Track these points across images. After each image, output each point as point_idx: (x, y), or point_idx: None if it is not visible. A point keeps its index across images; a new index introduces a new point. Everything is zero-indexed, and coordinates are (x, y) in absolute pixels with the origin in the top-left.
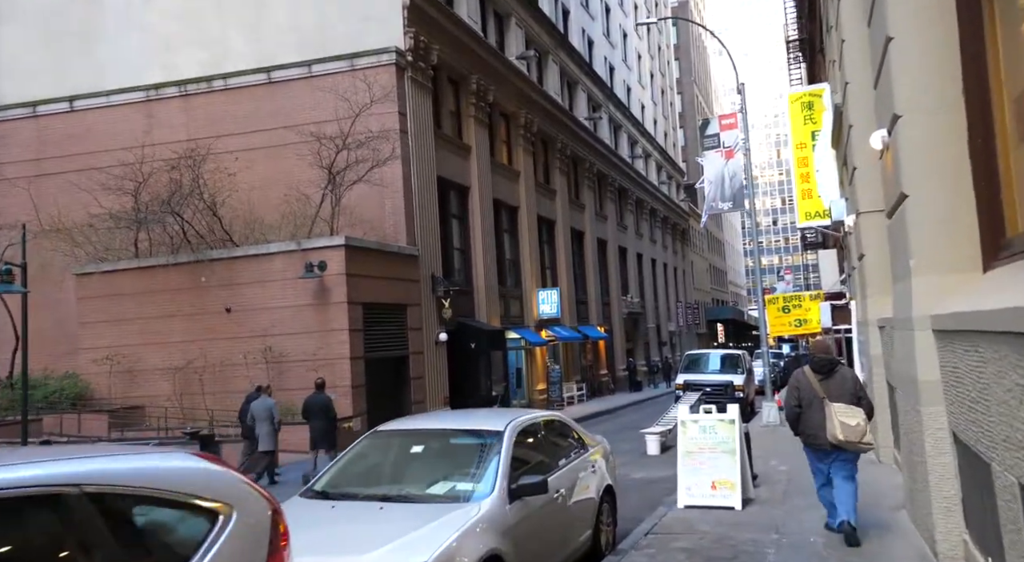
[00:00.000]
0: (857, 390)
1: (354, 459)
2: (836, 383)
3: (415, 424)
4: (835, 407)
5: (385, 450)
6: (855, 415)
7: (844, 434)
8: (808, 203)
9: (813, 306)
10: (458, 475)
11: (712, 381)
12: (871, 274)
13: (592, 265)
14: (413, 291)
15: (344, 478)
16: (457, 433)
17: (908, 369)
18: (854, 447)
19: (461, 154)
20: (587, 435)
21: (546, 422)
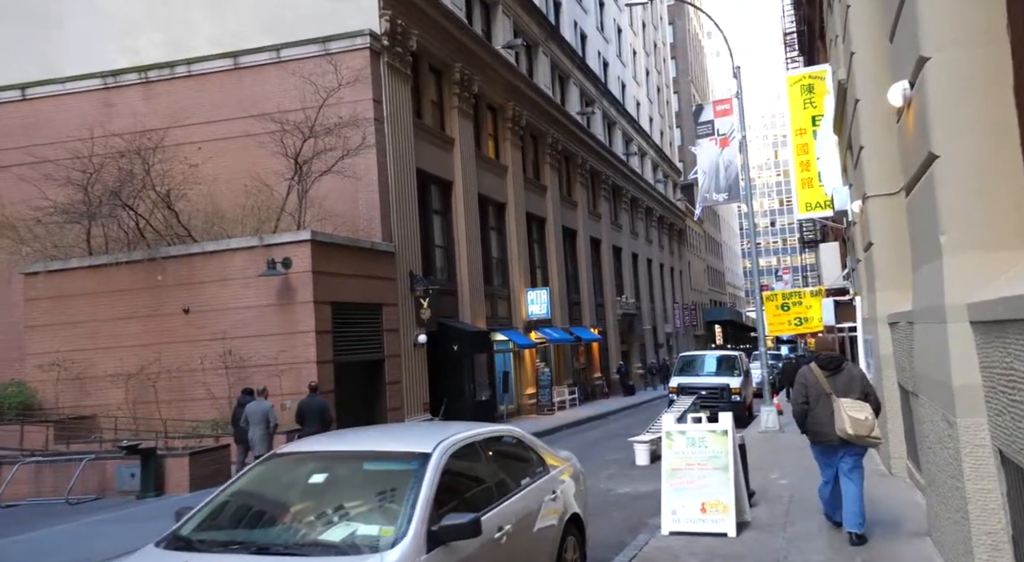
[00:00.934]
0: (864, 386)
1: (239, 492)
2: (843, 379)
3: (325, 445)
4: (843, 402)
5: (280, 480)
6: (863, 409)
7: (853, 428)
8: (808, 193)
9: (814, 303)
10: (364, 514)
11: (707, 384)
12: (881, 265)
13: (585, 265)
14: (389, 290)
15: (219, 519)
16: (372, 456)
17: (937, 371)
18: (863, 441)
19: (444, 146)
20: (550, 453)
21: (493, 440)
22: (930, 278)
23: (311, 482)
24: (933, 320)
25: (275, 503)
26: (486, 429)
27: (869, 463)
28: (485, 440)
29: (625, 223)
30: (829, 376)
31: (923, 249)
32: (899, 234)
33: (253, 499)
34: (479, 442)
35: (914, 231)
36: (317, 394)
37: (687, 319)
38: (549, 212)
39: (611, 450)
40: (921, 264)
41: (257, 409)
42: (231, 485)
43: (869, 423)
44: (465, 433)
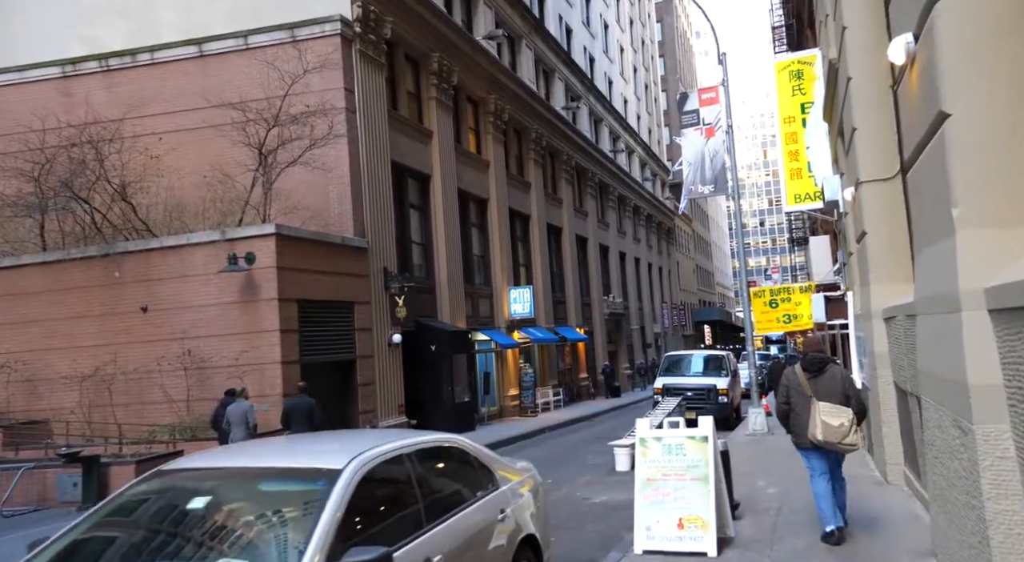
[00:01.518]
0: (847, 389)
1: (107, 518)
2: (825, 382)
3: (220, 460)
4: (820, 406)
5: (157, 504)
6: (840, 415)
7: (824, 434)
8: (797, 184)
9: (804, 299)
10: (251, 548)
11: (693, 385)
12: (875, 256)
13: (571, 263)
14: (361, 287)
15: (77, 554)
16: (272, 475)
17: (947, 369)
18: (834, 448)
19: (421, 139)
20: (502, 465)
21: (428, 452)
22: (938, 261)
23: (192, 507)
24: (942, 310)
25: (145, 533)
26: (421, 439)
27: (863, 470)
28: (418, 452)
29: (612, 221)
30: (811, 378)
31: (929, 229)
32: (895, 222)
33: (120, 528)
34: (410, 455)
35: (918, 210)
36: (306, 393)
37: (676, 319)
38: (533, 209)
39: (592, 454)
40: (926, 246)
41: (237, 410)
42: (101, 509)
43: (843, 429)
44: (391, 444)
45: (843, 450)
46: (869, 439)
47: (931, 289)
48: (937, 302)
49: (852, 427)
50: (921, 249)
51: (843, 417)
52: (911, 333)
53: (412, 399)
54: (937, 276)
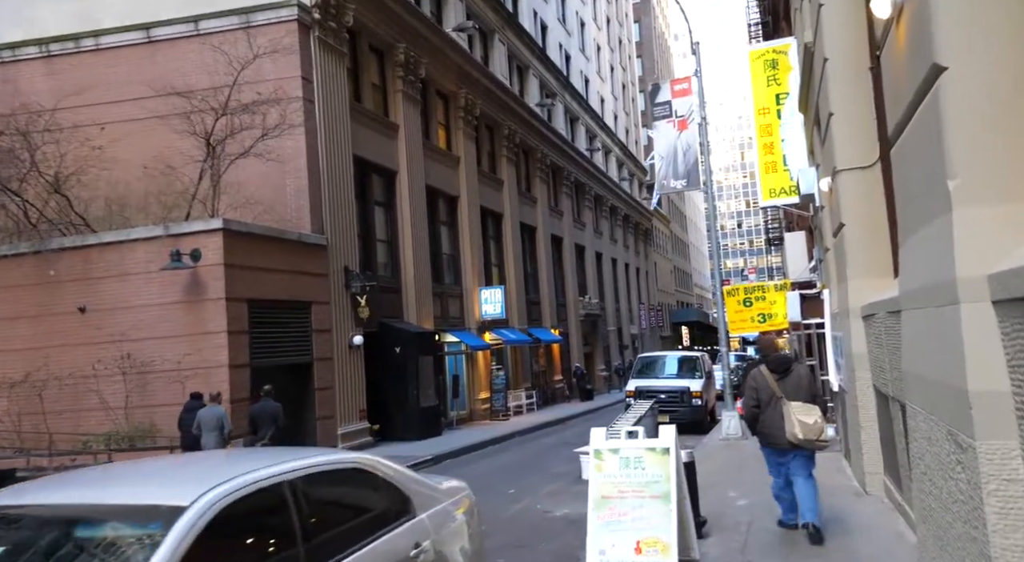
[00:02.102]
0: (812, 388)
1: None
2: (792, 382)
3: (33, 496)
4: (793, 406)
5: None
6: (812, 413)
7: (803, 433)
8: (772, 178)
9: (779, 298)
10: None
11: (666, 387)
12: (853, 250)
13: (546, 263)
14: (320, 286)
15: None
16: (94, 515)
17: (940, 371)
18: (811, 445)
19: (387, 133)
20: (424, 487)
21: (318, 478)
22: (930, 246)
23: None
24: (935, 302)
25: None
26: (311, 462)
27: (840, 478)
28: (304, 479)
29: (588, 221)
30: (779, 379)
31: (919, 210)
32: (874, 213)
33: None
34: (291, 483)
35: (905, 190)
36: (271, 398)
37: (653, 320)
38: (506, 207)
39: (560, 461)
40: (915, 231)
41: (210, 415)
42: None
43: (818, 427)
44: (265, 471)
45: (819, 447)
46: (846, 445)
47: (920, 280)
48: (928, 294)
49: (823, 424)
50: (907, 236)
51: (815, 415)
52: (894, 331)
53: (375, 403)
54: (928, 264)
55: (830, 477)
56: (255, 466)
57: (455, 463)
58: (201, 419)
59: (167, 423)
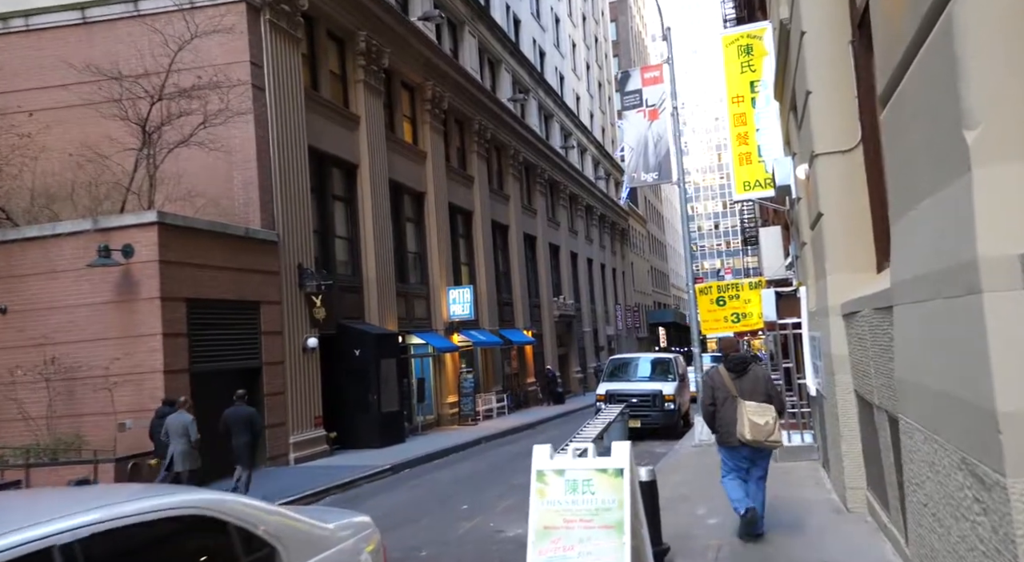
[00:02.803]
0: (768, 389)
1: None
2: (749, 381)
3: None
4: (747, 406)
5: None
6: (765, 413)
7: (752, 433)
8: (746, 170)
9: (754, 296)
10: None
11: (638, 390)
12: (833, 241)
13: (518, 262)
14: (270, 285)
15: None
16: None
17: (954, 383)
18: (761, 445)
19: (347, 125)
20: (304, 529)
21: (129, 532)
22: (937, 219)
23: None
24: (945, 292)
25: None
26: (123, 511)
27: (819, 491)
28: (93, 538)
29: (563, 220)
30: (735, 378)
31: (920, 177)
32: (856, 201)
33: None
34: (87, 540)
35: (901, 153)
36: (244, 402)
37: (630, 321)
38: (476, 205)
39: (523, 471)
40: (914, 204)
41: (177, 422)
42: None
43: (769, 428)
44: (56, 525)
45: (769, 447)
46: (825, 454)
47: (921, 265)
48: (933, 283)
49: (776, 425)
50: (902, 214)
51: (768, 415)
52: (882, 331)
53: (334, 410)
54: (934, 244)
55: (807, 490)
56: (26, 521)
57: (413, 473)
58: (169, 426)
59: (95, 434)
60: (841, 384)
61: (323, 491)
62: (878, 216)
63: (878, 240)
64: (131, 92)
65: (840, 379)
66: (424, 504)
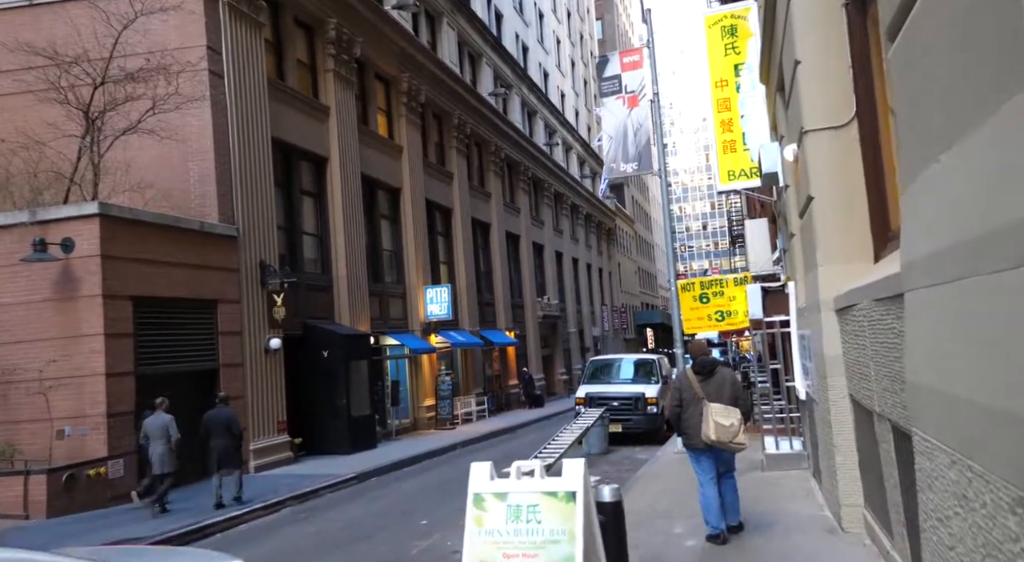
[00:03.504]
0: (735, 391)
1: None
2: (715, 384)
3: None
4: (712, 407)
5: None
6: (730, 415)
7: (717, 434)
8: (731, 159)
9: (739, 293)
10: None
11: (619, 393)
12: (825, 229)
13: (500, 262)
14: (229, 283)
15: None
16: None
17: (1004, 394)
18: (725, 447)
19: (316, 116)
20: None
21: None
22: (968, 172)
23: None
24: (983, 267)
25: None
26: None
27: (809, 506)
28: None
29: (548, 219)
30: (702, 381)
31: (942, 122)
32: (850, 183)
33: None
34: None
35: (919, 88)
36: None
37: (616, 322)
38: (456, 202)
39: None
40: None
41: (156, 423)
42: None
43: (734, 429)
44: None
45: (733, 449)
46: (816, 465)
47: (946, 234)
48: (964, 256)
49: (741, 427)
50: (915, 176)
51: (733, 417)
52: (885, 326)
53: (300, 414)
54: (965, 204)
55: (797, 503)
56: None
57: (380, 481)
58: (147, 428)
59: (31, 441)
60: (834, 388)
61: (278, 503)
62: (875, 199)
63: (876, 226)
64: (72, 75)
65: (833, 382)
66: (383, 518)
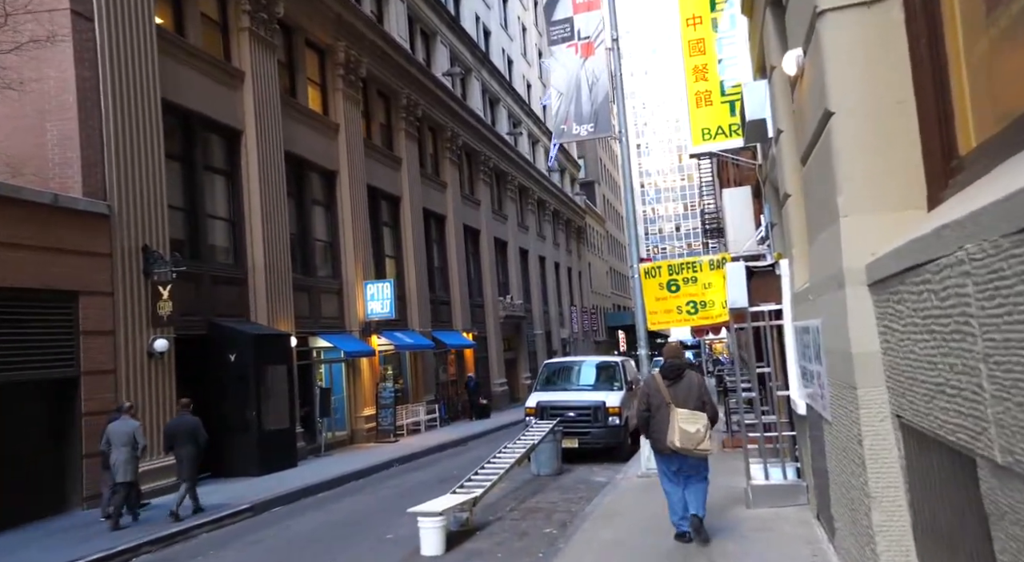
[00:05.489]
0: (702, 395)
1: None
2: (683, 388)
3: None
4: (679, 413)
5: None
6: (696, 421)
7: (681, 441)
8: (706, 115)
9: (715, 279)
10: None
11: (576, 402)
12: (851, 161)
13: (458, 258)
14: (96, 271)
15: None
16: None
17: None
18: (689, 453)
19: (226, 81)
20: None
21: None
22: None
23: None
24: None
25: None
26: None
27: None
28: None
29: (512, 214)
30: (670, 385)
31: None
32: (890, 90)
33: None
34: None
35: None
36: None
37: (586, 323)
38: (405, 190)
39: (411, 516)
40: None
41: (122, 429)
42: None
43: (699, 436)
44: None
45: (698, 455)
46: (823, 504)
47: None
48: None
49: (707, 433)
50: None
51: (699, 423)
52: (989, 299)
53: None
54: None
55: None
56: None
57: (277, 515)
58: (111, 434)
59: None
60: (869, 404)
61: (130, 549)
62: (931, 111)
63: (931, 154)
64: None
65: (866, 396)
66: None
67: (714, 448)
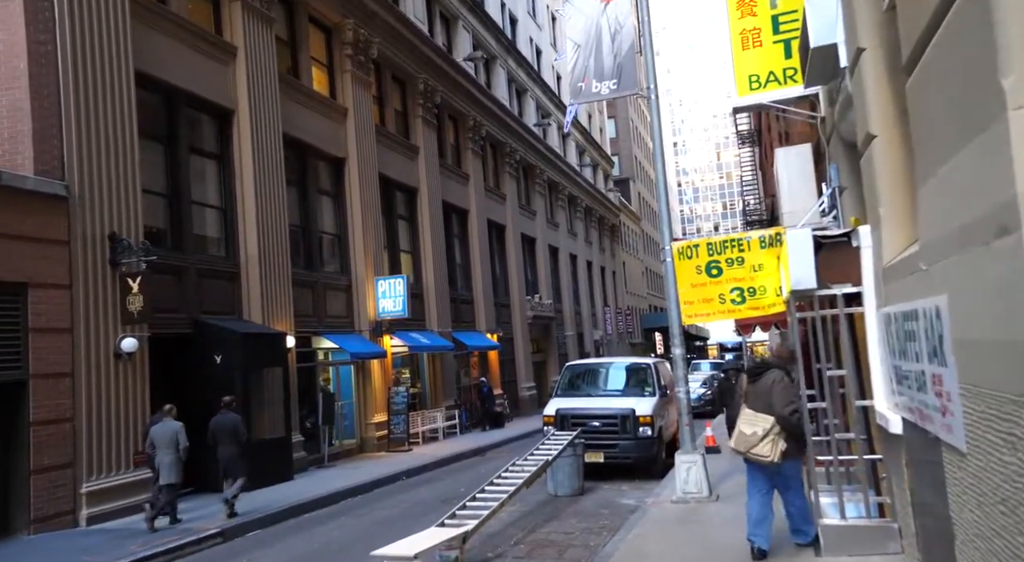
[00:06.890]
0: (772, 397)
1: None
2: (758, 389)
3: None
4: (744, 413)
5: None
6: (755, 424)
7: (736, 442)
8: (754, 58)
9: (767, 259)
10: None
11: (601, 410)
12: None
13: (482, 254)
14: (51, 260)
15: None
16: None
17: None
18: (748, 457)
19: (217, 56)
20: None
21: None
22: None
23: None
24: None
25: None
26: None
27: None
28: None
29: (540, 210)
30: (751, 383)
31: None
32: None
33: None
34: None
35: None
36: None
37: (621, 325)
38: (423, 181)
39: None
40: None
41: (164, 431)
42: None
43: (755, 439)
44: None
45: (753, 460)
46: (923, 555)
47: None
48: None
49: (765, 437)
50: None
51: (757, 426)
52: None
53: None
54: None
55: None
56: None
57: (248, 542)
58: (154, 436)
59: None
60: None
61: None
62: None
63: None
64: None
65: None
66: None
67: (776, 456)
